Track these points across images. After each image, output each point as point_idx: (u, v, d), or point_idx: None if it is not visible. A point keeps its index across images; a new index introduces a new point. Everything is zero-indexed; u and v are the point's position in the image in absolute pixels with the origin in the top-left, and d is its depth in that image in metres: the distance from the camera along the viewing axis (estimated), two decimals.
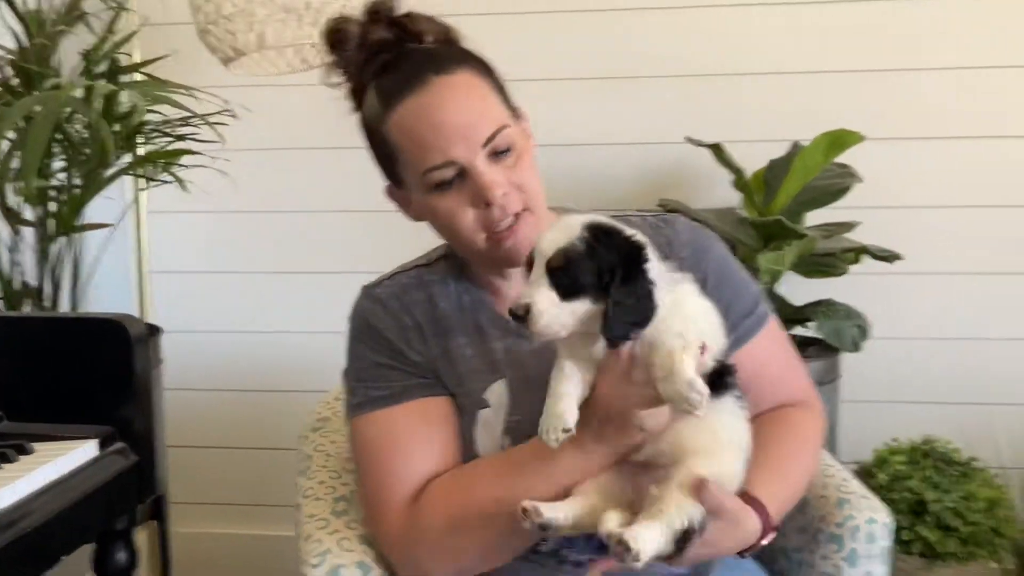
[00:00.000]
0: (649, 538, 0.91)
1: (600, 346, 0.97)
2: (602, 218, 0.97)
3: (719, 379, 1.02)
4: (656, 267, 0.96)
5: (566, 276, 0.91)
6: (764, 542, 1.05)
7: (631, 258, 0.93)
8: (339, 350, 1.26)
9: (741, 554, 1.06)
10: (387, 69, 1.10)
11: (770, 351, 1.20)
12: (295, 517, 1.28)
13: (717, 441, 1.01)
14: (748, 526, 1.02)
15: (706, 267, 1.15)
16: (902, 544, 1.91)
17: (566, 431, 0.95)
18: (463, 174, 1.07)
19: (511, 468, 1.07)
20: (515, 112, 1.14)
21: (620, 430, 1.00)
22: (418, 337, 1.17)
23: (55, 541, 1.13)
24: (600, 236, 0.93)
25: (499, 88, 1.13)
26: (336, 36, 1.12)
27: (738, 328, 1.15)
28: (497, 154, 1.08)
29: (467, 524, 1.07)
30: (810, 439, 1.20)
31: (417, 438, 1.13)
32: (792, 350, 1.24)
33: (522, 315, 0.91)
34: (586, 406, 1.00)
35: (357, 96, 1.14)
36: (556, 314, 0.92)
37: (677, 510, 0.93)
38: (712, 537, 0.98)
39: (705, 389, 0.90)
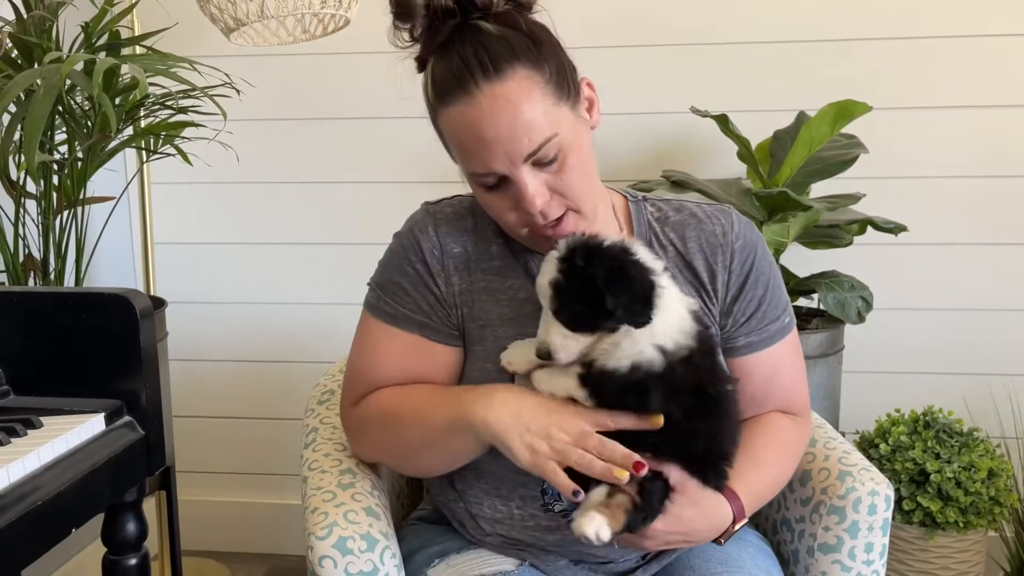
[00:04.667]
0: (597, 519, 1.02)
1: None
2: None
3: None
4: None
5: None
6: (736, 528, 1.12)
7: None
8: (343, 321, 1.30)
9: (717, 541, 1.13)
10: (446, 48, 1.07)
11: (787, 359, 1.25)
12: (301, 489, 1.28)
13: None
14: (720, 510, 1.10)
15: (752, 261, 1.21)
16: (903, 514, 1.92)
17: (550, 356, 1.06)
18: (507, 179, 1.08)
19: (434, 392, 1.19)
20: (570, 99, 1.08)
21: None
22: (461, 265, 1.20)
23: (65, 513, 1.13)
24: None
25: (554, 80, 1.06)
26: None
27: (763, 331, 1.21)
28: (541, 163, 1.07)
29: (389, 422, 1.20)
30: (793, 447, 1.26)
31: (395, 362, 1.22)
32: (802, 363, 1.29)
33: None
34: None
35: (421, 63, 1.13)
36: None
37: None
38: (683, 514, 1.05)
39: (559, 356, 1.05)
